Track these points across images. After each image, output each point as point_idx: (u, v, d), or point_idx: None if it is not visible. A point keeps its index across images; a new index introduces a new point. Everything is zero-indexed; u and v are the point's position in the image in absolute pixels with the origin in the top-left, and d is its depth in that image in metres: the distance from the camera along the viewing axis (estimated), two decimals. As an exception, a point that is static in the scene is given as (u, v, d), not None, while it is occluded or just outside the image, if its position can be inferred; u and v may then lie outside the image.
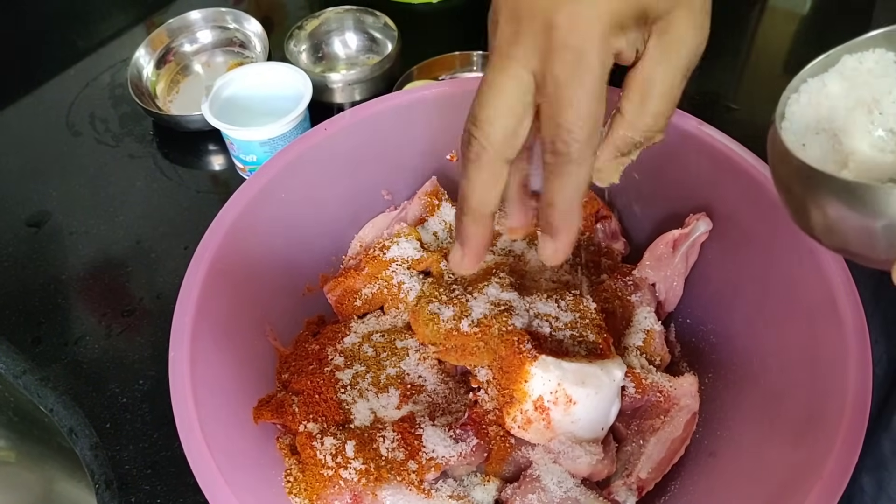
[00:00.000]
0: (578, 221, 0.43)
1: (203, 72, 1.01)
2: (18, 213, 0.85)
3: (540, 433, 0.54)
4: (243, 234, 0.60)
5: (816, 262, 0.53)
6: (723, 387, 0.59)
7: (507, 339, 0.56)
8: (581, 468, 0.54)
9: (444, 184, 0.72)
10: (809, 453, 0.47)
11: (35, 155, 0.91)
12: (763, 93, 0.96)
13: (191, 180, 0.88)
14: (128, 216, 0.84)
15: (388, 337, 0.62)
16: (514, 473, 0.56)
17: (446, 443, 0.54)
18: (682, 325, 0.66)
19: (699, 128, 0.63)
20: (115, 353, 0.72)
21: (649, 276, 0.65)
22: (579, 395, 0.53)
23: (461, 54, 0.96)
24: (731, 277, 0.62)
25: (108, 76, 1.01)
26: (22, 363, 0.71)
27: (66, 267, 0.79)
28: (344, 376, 0.59)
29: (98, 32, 1.08)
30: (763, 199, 0.58)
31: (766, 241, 0.58)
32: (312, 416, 0.56)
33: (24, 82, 1.00)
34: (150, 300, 0.76)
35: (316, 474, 0.52)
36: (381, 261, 0.65)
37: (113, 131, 0.94)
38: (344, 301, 0.65)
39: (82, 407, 0.68)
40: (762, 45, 1.06)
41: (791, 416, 0.51)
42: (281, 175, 0.63)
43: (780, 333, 0.56)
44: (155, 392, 0.69)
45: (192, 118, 0.88)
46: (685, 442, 0.57)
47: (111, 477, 0.63)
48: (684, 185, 0.65)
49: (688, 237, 0.63)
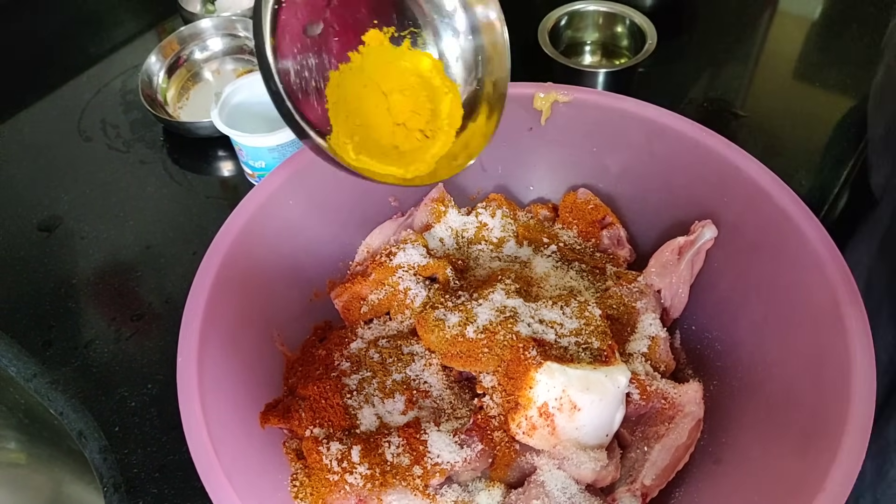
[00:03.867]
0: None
1: (213, 79, 1.02)
2: (30, 217, 0.86)
3: (545, 439, 0.54)
4: (251, 239, 0.60)
5: (821, 271, 0.54)
6: (728, 394, 0.59)
7: (513, 345, 0.56)
8: (585, 474, 0.54)
9: (451, 190, 0.72)
10: (813, 462, 0.47)
11: (47, 160, 0.92)
12: (772, 100, 0.96)
13: (200, 186, 0.89)
14: (138, 221, 0.85)
15: (395, 343, 0.62)
16: (519, 479, 0.56)
17: (451, 448, 0.54)
18: (687, 331, 0.66)
19: (705, 135, 0.63)
20: (124, 357, 0.73)
21: (655, 283, 0.65)
22: (584, 401, 0.53)
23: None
24: (737, 285, 0.62)
25: (120, 83, 1.02)
26: (33, 366, 0.71)
27: (77, 271, 0.80)
28: (350, 381, 0.59)
29: (110, 39, 1.09)
30: (769, 207, 0.59)
31: (772, 249, 0.59)
32: (319, 420, 0.56)
33: (36, 88, 1.01)
34: (160, 305, 0.77)
35: (322, 479, 0.53)
36: (388, 267, 0.65)
37: (124, 137, 0.95)
38: (351, 307, 0.66)
39: (91, 410, 0.68)
40: (772, 51, 1.05)
41: (795, 424, 0.51)
42: (289, 181, 0.64)
43: (784, 341, 0.56)
44: (163, 396, 0.69)
45: (201, 125, 0.89)
46: (690, 449, 0.57)
47: (119, 480, 0.63)
48: (690, 192, 0.66)
49: (693, 244, 0.63)
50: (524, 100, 0.69)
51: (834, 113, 0.93)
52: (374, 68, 0.55)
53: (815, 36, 1.08)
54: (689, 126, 0.64)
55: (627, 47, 1.00)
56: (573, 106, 0.68)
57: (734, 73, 1.00)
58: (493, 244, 0.70)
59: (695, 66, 1.02)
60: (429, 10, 0.55)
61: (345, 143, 0.53)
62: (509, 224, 0.71)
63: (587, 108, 0.68)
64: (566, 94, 0.68)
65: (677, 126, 0.65)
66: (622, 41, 1.01)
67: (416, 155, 0.57)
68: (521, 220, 0.72)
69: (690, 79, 0.99)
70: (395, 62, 0.55)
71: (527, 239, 0.70)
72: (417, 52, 0.56)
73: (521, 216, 0.72)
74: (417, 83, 0.56)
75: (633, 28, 0.97)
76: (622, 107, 0.67)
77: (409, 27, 0.54)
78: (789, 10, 1.12)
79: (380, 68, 0.55)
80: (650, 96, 0.68)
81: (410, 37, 0.54)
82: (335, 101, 0.53)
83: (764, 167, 0.60)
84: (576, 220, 0.70)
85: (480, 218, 0.71)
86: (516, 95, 0.66)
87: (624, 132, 0.68)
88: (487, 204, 0.72)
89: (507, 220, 0.71)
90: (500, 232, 0.70)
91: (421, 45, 0.55)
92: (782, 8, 1.12)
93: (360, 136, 0.54)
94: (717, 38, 1.06)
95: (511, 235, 0.70)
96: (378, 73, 0.55)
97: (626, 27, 0.99)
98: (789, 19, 1.11)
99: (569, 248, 0.69)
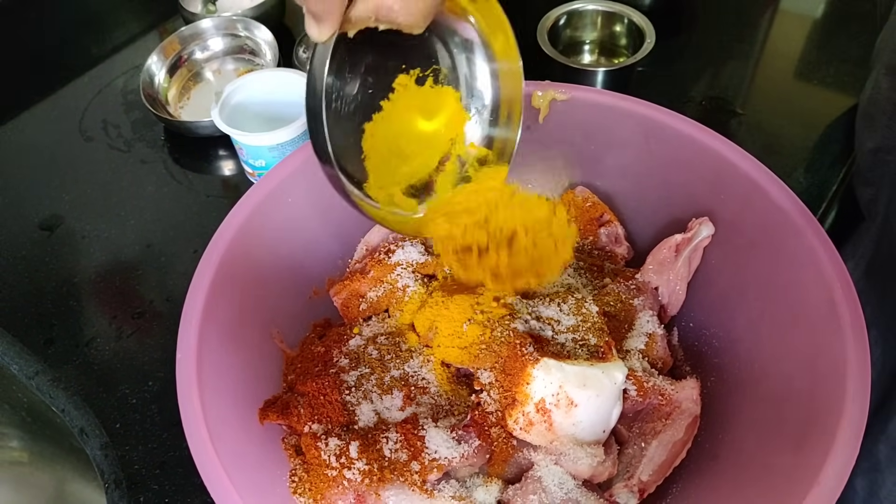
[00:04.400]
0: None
1: (214, 79, 1.03)
2: (32, 216, 0.86)
3: (542, 435, 0.55)
4: (251, 237, 0.61)
5: (818, 269, 0.54)
6: (724, 391, 0.59)
7: (510, 341, 0.56)
8: (582, 470, 0.54)
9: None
10: (808, 457, 0.47)
11: (48, 160, 0.93)
12: (772, 98, 0.96)
13: (201, 185, 0.89)
14: (139, 220, 0.85)
15: (393, 339, 0.62)
16: (516, 475, 0.56)
17: (449, 444, 0.54)
18: (684, 328, 0.66)
19: (702, 133, 0.64)
20: (125, 354, 0.73)
21: (652, 280, 0.65)
22: (581, 397, 0.54)
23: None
24: (734, 282, 0.62)
25: (121, 82, 1.02)
26: (35, 364, 0.72)
27: (78, 270, 0.81)
28: (349, 378, 0.60)
29: (111, 39, 1.10)
30: (766, 204, 0.59)
31: (769, 247, 0.59)
32: (317, 417, 0.57)
33: (38, 88, 1.02)
34: (161, 303, 0.77)
35: (320, 474, 0.53)
36: (387, 264, 0.65)
37: (125, 137, 0.95)
38: (349, 304, 0.66)
39: (93, 408, 0.69)
40: (773, 50, 1.05)
41: (791, 420, 0.52)
42: (288, 180, 0.64)
43: (781, 338, 0.56)
44: (164, 393, 0.70)
45: (202, 124, 0.90)
46: (687, 445, 0.57)
47: (121, 477, 0.64)
48: (687, 189, 0.66)
49: (690, 241, 0.63)
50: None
51: (833, 111, 0.93)
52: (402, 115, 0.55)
53: (818, 34, 1.08)
54: (687, 124, 0.65)
55: (626, 46, 1.00)
56: (571, 104, 0.69)
57: (734, 72, 1.01)
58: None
59: (694, 65, 1.02)
60: (451, 46, 0.55)
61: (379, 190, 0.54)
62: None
63: (585, 106, 0.68)
64: (564, 92, 0.68)
65: (675, 124, 0.65)
66: (621, 40, 1.01)
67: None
68: (519, 218, 0.72)
69: (690, 78, 0.99)
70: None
71: (525, 237, 0.70)
72: (440, 87, 0.56)
73: (520, 214, 0.73)
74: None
75: (632, 27, 0.97)
76: (619, 105, 0.67)
77: (431, 65, 0.55)
78: (791, 9, 1.12)
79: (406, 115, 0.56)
80: (649, 95, 0.68)
81: (433, 74, 0.55)
82: (370, 151, 0.54)
83: (761, 165, 0.60)
84: (574, 217, 0.71)
85: (479, 216, 0.71)
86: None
87: (621, 130, 0.68)
88: (486, 202, 0.73)
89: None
90: (499, 230, 0.71)
91: (443, 80, 0.56)
92: (784, 6, 1.12)
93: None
94: (716, 37, 1.06)
95: (509, 233, 0.71)
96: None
97: (624, 26, 0.99)
98: (791, 17, 1.11)
99: (567, 245, 0.69)
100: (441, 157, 0.57)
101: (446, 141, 0.57)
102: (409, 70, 0.54)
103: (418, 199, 0.57)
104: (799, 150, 0.88)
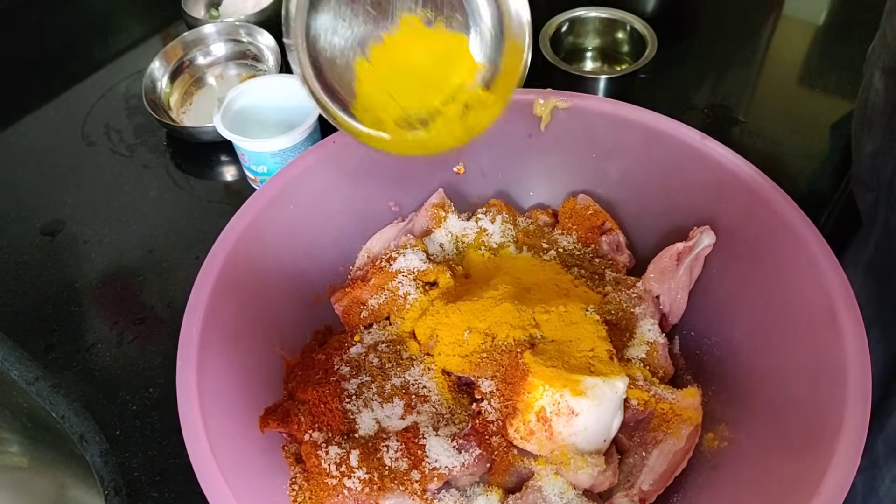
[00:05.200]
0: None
1: (216, 84, 1.03)
2: (33, 221, 0.86)
3: (542, 444, 0.55)
4: (252, 244, 0.61)
5: (818, 277, 0.54)
6: (725, 399, 0.59)
7: (511, 350, 0.56)
8: (583, 479, 0.54)
9: (451, 196, 0.72)
10: (809, 466, 0.47)
11: (50, 164, 0.93)
12: (774, 106, 0.96)
13: (203, 191, 0.89)
14: (141, 225, 0.85)
15: (394, 347, 0.62)
16: (517, 484, 0.56)
17: (449, 453, 0.54)
18: (685, 337, 0.66)
19: (703, 142, 0.64)
20: (126, 360, 0.73)
21: (653, 289, 0.65)
22: (581, 406, 0.54)
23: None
24: (735, 291, 0.62)
25: (124, 87, 1.03)
26: (35, 370, 0.72)
27: (80, 275, 0.81)
28: (349, 386, 0.60)
29: (114, 44, 1.10)
30: (767, 213, 0.59)
31: (769, 255, 0.59)
32: (318, 425, 0.57)
33: (40, 92, 1.02)
34: (162, 308, 0.77)
35: (320, 483, 0.53)
36: (388, 272, 0.65)
37: (127, 142, 0.95)
38: (350, 311, 0.66)
39: (93, 414, 0.68)
40: (775, 57, 1.05)
41: (792, 429, 0.51)
42: (290, 186, 0.64)
43: (781, 347, 0.56)
44: (164, 400, 0.70)
45: (204, 129, 0.90)
46: (688, 454, 0.57)
47: (120, 483, 0.64)
48: (689, 198, 0.66)
49: (692, 250, 0.63)
50: (524, 106, 0.69)
51: (835, 119, 0.93)
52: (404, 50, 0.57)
53: (821, 41, 1.08)
54: (688, 132, 0.65)
55: (628, 53, 1.00)
56: (572, 112, 0.69)
57: (736, 79, 1.01)
58: (493, 249, 0.70)
59: (696, 72, 1.02)
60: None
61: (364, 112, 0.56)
62: (509, 229, 0.71)
63: (586, 114, 0.68)
64: (565, 100, 0.68)
65: (676, 132, 0.65)
66: (623, 47, 1.01)
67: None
68: (520, 226, 0.72)
69: (692, 85, 0.99)
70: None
71: (526, 244, 0.70)
72: (451, 32, 0.57)
73: (521, 222, 0.73)
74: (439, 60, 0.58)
75: (634, 34, 0.97)
76: (621, 113, 0.67)
77: (444, 11, 0.56)
78: (794, 15, 1.12)
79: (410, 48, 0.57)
80: (651, 102, 0.68)
81: (445, 20, 0.56)
82: (362, 75, 0.56)
83: (762, 173, 0.60)
84: (575, 225, 0.71)
85: (480, 223, 0.71)
86: (516, 102, 0.66)
87: (623, 138, 0.68)
88: (487, 209, 0.73)
89: (506, 226, 0.71)
90: (500, 237, 0.71)
91: (456, 27, 0.57)
92: (787, 13, 1.12)
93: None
94: (718, 44, 1.06)
95: (511, 241, 0.71)
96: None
97: (626, 33, 0.99)
98: (793, 24, 1.11)
99: (568, 253, 0.69)
100: (443, 99, 0.58)
101: (451, 84, 0.58)
102: (418, 10, 0.55)
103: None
104: (801, 158, 0.88)
